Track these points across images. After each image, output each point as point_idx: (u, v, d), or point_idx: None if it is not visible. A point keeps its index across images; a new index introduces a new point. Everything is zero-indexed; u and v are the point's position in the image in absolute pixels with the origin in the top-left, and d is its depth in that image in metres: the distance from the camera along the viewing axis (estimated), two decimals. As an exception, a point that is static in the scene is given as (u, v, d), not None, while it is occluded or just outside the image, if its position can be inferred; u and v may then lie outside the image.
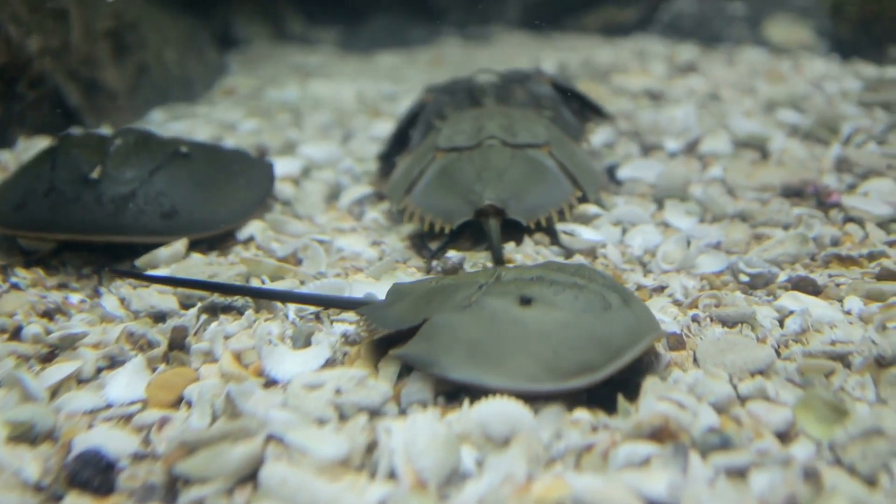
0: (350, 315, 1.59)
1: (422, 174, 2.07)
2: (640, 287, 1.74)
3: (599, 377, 1.27)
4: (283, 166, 2.44)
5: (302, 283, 1.72)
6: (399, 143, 2.46)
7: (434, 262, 1.81)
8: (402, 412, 1.30)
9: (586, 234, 1.90)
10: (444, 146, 2.11)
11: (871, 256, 1.83)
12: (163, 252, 1.83)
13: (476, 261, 1.82)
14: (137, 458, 1.21)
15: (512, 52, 4.34)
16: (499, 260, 1.73)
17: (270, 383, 1.38)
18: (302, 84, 3.81)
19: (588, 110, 2.59)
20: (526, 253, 1.84)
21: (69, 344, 1.49)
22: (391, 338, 1.42)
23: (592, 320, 1.33)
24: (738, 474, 1.13)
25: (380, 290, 1.66)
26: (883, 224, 2.02)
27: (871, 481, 1.12)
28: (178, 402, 1.36)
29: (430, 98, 2.50)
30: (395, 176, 2.23)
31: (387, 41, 4.74)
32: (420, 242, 1.96)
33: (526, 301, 1.34)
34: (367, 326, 1.46)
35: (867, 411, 1.27)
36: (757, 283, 1.75)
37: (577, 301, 1.35)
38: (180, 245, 1.84)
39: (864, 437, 1.17)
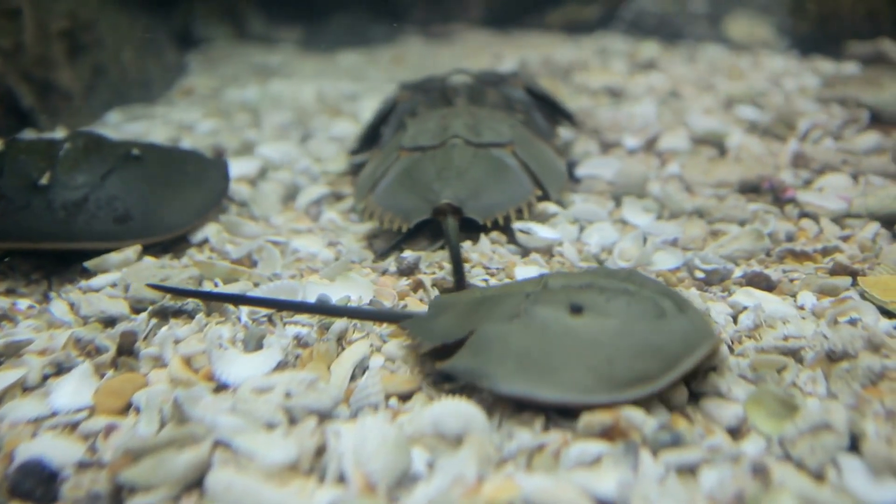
0: (303, 317, 1.57)
1: (385, 173, 2.08)
2: (596, 285, 1.73)
3: (657, 388, 1.23)
4: (240, 167, 2.41)
5: (256, 285, 1.70)
6: (370, 139, 2.48)
7: (389, 262, 1.81)
8: (354, 415, 1.28)
9: (543, 232, 1.90)
10: (408, 146, 2.12)
11: (825, 251, 1.84)
12: (113, 256, 1.80)
13: (432, 260, 1.81)
14: (82, 466, 1.18)
15: (474, 51, 4.33)
16: (456, 259, 1.72)
17: (221, 388, 1.36)
18: (262, 84, 3.78)
19: (559, 115, 2.59)
20: (482, 252, 1.84)
21: (14, 351, 1.46)
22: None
23: (647, 328, 1.29)
24: (689, 471, 1.13)
25: (334, 292, 1.65)
26: (837, 219, 2.03)
27: (818, 476, 1.12)
28: (126, 408, 1.34)
29: (405, 96, 2.51)
30: (362, 174, 2.24)
31: (349, 40, 4.72)
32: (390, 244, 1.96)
33: (577, 309, 1.30)
34: (413, 340, 1.43)
35: (818, 406, 1.28)
36: (712, 279, 1.75)
37: (629, 308, 1.31)
38: (131, 250, 1.82)
39: (813, 431, 1.18)
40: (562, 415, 1.23)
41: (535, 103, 2.49)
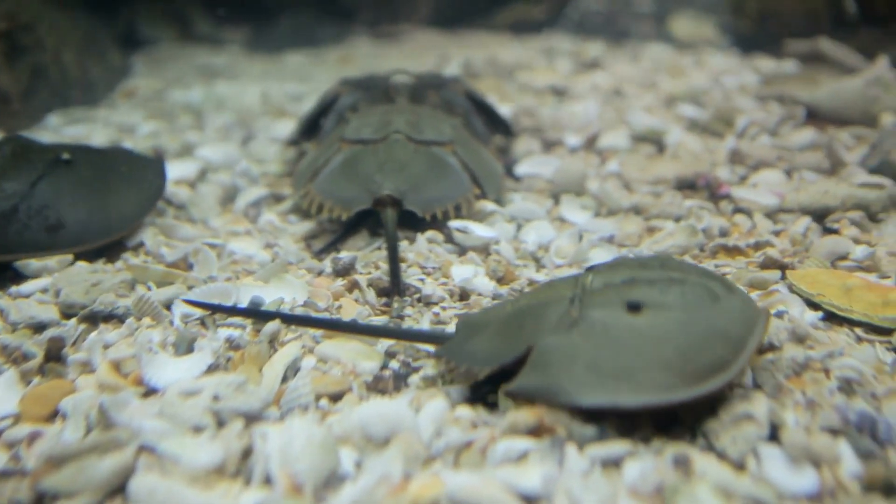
0: (237, 319, 1.56)
1: (326, 163, 2.11)
2: (532, 282, 1.75)
3: (732, 374, 1.21)
4: (180, 169, 2.39)
5: (190, 288, 1.69)
6: (309, 130, 2.52)
7: (325, 263, 1.81)
8: (284, 416, 1.28)
9: (480, 231, 1.91)
10: (351, 138, 2.15)
11: (757, 246, 1.87)
12: (46, 261, 1.77)
13: (368, 261, 1.81)
14: (4, 475, 1.16)
15: (421, 51, 4.33)
16: (392, 250, 1.73)
17: (150, 392, 1.35)
18: (207, 85, 3.74)
19: (497, 124, 2.61)
20: (419, 251, 1.84)
21: (-62, 359, 1.44)
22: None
23: (708, 314, 1.26)
24: (613, 465, 1.14)
25: (268, 294, 1.64)
26: (770, 214, 2.07)
27: (740, 465, 1.14)
28: (52, 415, 1.32)
29: (345, 90, 2.54)
30: (301, 164, 2.27)
31: (295, 41, 4.69)
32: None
33: (635, 307, 1.26)
34: (464, 368, 1.34)
35: (741, 397, 1.30)
36: (646, 276, 1.77)
37: (685, 297, 1.28)
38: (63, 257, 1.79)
39: (735, 422, 1.20)
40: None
41: (473, 108, 2.51)
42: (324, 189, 2.03)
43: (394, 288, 1.66)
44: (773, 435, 1.18)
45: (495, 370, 1.28)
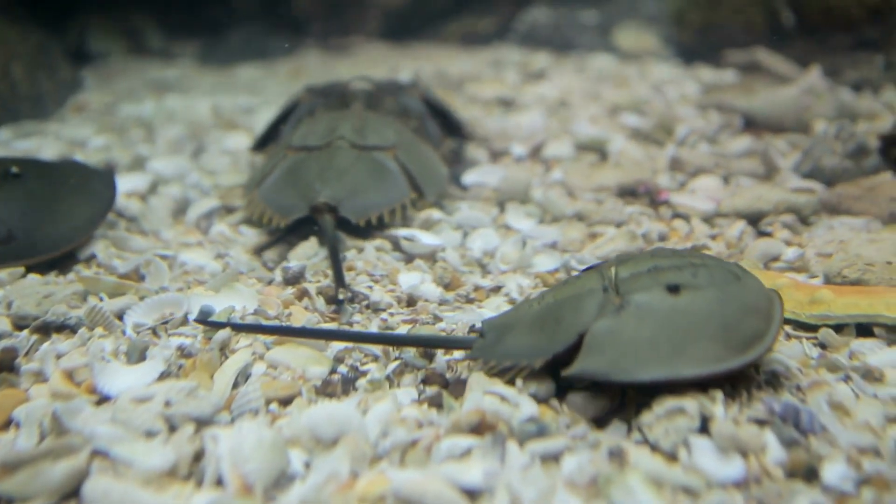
0: (187, 328, 1.59)
1: (272, 170, 2.18)
2: (478, 288, 1.80)
3: (769, 342, 1.33)
4: (131, 182, 2.41)
5: (142, 298, 1.71)
6: (270, 137, 2.59)
7: (276, 272, 1.84)
8: (234, 421, 1.32)
9: (427, 239, 1.96)
10: (296, 145, 2.24)
11: (694, 249, 1.95)
12: (-4, 274, 1.79)
13: (318, 269, 1.85)
14: (-41, 482, 1.19)
15: (372, 63, 4.38)
16: (333, 254, 1.79)
17: (103, 400, 1.38)
18: (158, 99, 3.75)
19: (453, 125, 2.67)
20: (367, 260, 1.89)
21: None
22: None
23: (737, 291, 1.38)
24: (553, 459, 1.20)
25: (219, 303, 1.68)
26: (707, 219, 2.15)
27: (672, 456, 1.20)
28: (6, 424, 1.34)
29: (307, 97, 2.60)
30: (254, 170, 2.34)
31: (247, 54, 4.71)
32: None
33: (674, 289, 1.36)
34: (491, 364, 1.40)
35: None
36: (588, 279, 1.84)
37: (714, 278, 1.39)
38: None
39: (668, 415, 1.26)
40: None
41: (429, 112, 2.57)
42: (266, 197, 2.11)
43: (338, 285, 1.71)
44: (704, 427, 1.24)
45: (548, 360, 1.35)
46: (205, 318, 1.61)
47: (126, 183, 2.39)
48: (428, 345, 1.51)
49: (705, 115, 3.07)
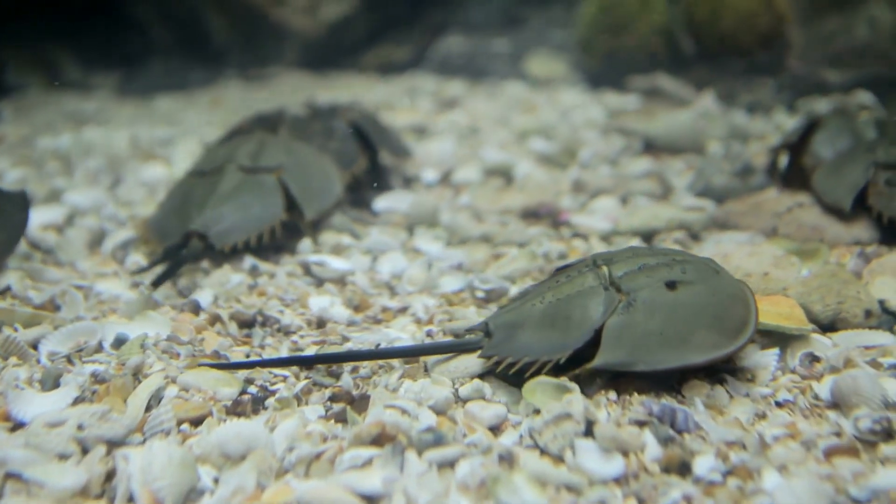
0: (101, 355, 1.64)
1: (168, 196, 2.32)
2: (385, 309, 1.89)
3: (753, 328, 1.50)
4: (47, 214, 2.45)
5: (57, 328, 1.75)
6: None
7: (190, 298, 1.90)
8: (146, 441, 1.37)
9: (336, 263, 2.04)
10: (193, 170, 2.36)
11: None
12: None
13: (230, 296, 1.91)
14: None
15: (290, 92, 4.45)
16: (171, 270, 1.96)
17: (17, 426, 1.42)
18: (76, 131, 3.76)
19: (374, 149, 2.72)
20: (278, 285, 1.96)
21: None
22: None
23: (721, 284, 1.56)
24: (449, 465, 1.29)
25: (132, 330, 1.73)
26: (605, 237, 2.28)
27: (559, 458, 1.30)
28: (-80, 453, 1.37)
29: (245, 125, 2.71)
30: None
31: (166, 85, 4.74)
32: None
33: (671, 285, 1.52)
34: (534, 361, 1.49)
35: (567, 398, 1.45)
36: (491, 297, 1.94)
37: (700, 273, 1.57)
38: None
39: (556, 421, 1.36)
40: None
41: (351, 135, 2.62)
42: (154, 222, 2.23)
43: (159, 280, 1.92)
44: (589, 430, 1.34)
45: (569, 354, 1.48)
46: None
47: (42, 215, 2.42)
48: (437, 352, 1.61)
49: (608, 138, 3.21)
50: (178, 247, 2.09)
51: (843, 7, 3.84)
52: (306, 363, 1.61)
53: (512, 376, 1.54)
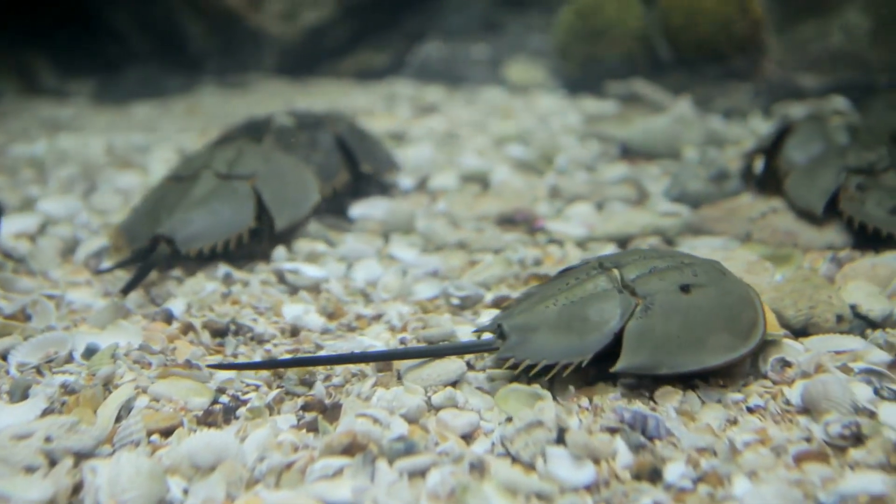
0: (71, 366, 1.63)
1: (146, 198, 2.31)
2: (360, 317, 1.88)
3: (763, 329, 1.55)
4: (20, 223, 2.43)
5: (27, 338, 1.74)
6: None
7: (162, 307, 1.89)
8: (116, 453, 1.36)
9: (310, 271, 2.03)
10: (170, 174, 2.36)
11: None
12: None
13: (203, 304, 1.90)
14: None
15: (268, 99, 4.44)
16: (138, 277, 1.95)
17: (-15, 439, 1.41)
18: (51, 138, 3.74)
19: (356, 162, 2.67)
20: (252, 293, 1.95)
21: None
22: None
23: (729, 286, 1.60)
24: (420, 474, 1.28)
25: (103, 340, 1.71)
26: (581, 243, 2.28)
27: (530, 466, 1.30)
28: None
29: (234, 131, 2.72)
30: None
31: (143, 91, 4.72)
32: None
33: (685, 288, 1.55)
34: (554, 364, 1.50)
35: (540, 406, 1.45)
36: (466, 304, 1.94)
37: (709, 275, 1.60)
38: None
39: (528, 428, 1.35)
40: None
41: (336, 148, 2.61)
42: (126, 225, 2.22)
43: (127, 287, 1.92)
44: (561, 437, 1.34)
45: (590, 358, 1.49)
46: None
47: (15, 224, 2.40)
48: (451, 353, 1.62)
49: (585, 144, 3.22)
50: (146, 251, 2.09)
51: (819, 13, 3.87)
52: (322, 363, 1.60)
53: (486, 384, 1.55)
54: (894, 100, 3.48)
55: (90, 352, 1.67)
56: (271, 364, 1.62)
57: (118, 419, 1.46)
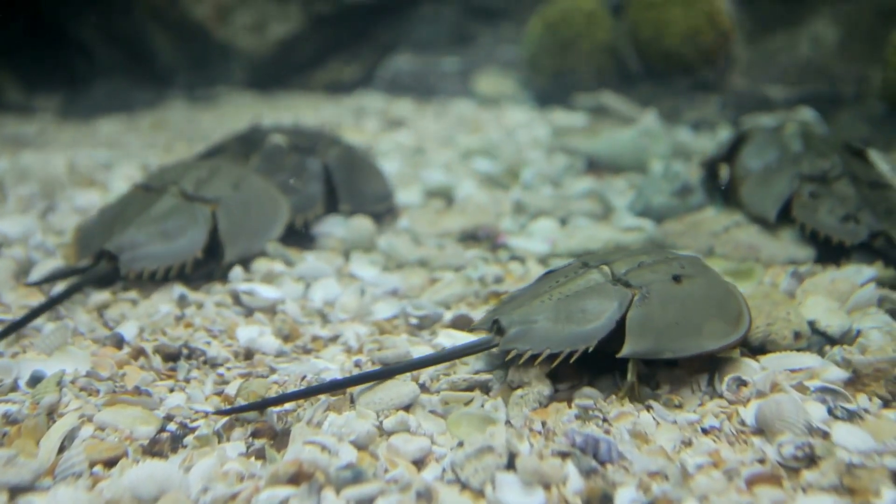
0: (15, 395, 1.59)
1: (111, 206, 2.31)
2: (316, 338, 1.85)
3: (749, 318, 1.64)
4: (-27, 245, 2.38)
5: (-28, 365, 1.70)
6: None
7: (113, 331, 1.85)
8: (56, 486, 1.32)
9: (266, 292, 2.00)
10: (142, 182, 2.35)
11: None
12: None
13: (156, 328, 1.86)
14: None
15: (236, 114, 4.40)
16: (73, 290, 1.95)
17: (-80, 474, 1.37)
18: (13, 155, 3.68)
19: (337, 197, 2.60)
20: (205, 316, 1.91)
21: None
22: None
23: (715, 278, 1.70)
24: (368, 502, 1.26)
25: (50, 366, 1.67)
26: (543, 260, 2.26)
27: (479, 493, 1.28)
28: None
29: (228, 143, 2.71)
30: None
31: (109, 106, 4.67)
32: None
33: (678, 279, 1.63)
34: (558, 353, 1.54)
35: (493, 431, 1.43)
36: (424, 324, 1.92)
37: (695, 268, 1.68)
38: None
39: (478, 454, 1.33)
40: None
41: (321, 177, 2.56)
42: (84, 229, 2.21)
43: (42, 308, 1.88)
44: (511, 463, 1.32)
45: (595, 344, 1.54)
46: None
47: (-32, 246, 2.36)
48: (454, 357, 1.62)
49: (552, 158, 3.21)
50: (89, 266, 2.08)
51: (787, 24, 3.88)
52: (338, 387, 1.56)
53: (440, 407, 1.53)
54: (861, 111, 3.49)
55: (35, 379, 1.63)
56: (292, 396, 1.54)
57: (61, 450, 1.42)
